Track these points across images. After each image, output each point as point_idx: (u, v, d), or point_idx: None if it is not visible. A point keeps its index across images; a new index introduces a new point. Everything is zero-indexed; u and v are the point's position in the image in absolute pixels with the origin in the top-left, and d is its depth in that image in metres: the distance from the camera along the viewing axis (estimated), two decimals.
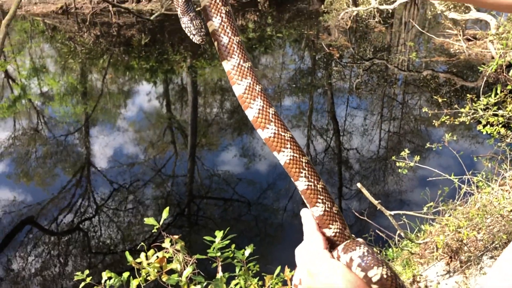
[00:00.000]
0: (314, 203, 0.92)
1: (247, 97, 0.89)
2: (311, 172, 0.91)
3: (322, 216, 0.92)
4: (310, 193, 0.91)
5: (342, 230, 0.93)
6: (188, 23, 0.92)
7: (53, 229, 6.58)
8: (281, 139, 0.90)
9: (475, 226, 3.62)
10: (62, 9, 19.86)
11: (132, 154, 8.78)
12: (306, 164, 0.90)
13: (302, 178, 0.90)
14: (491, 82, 10.01)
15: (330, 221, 0.92)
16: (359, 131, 9.61)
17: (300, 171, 0.90)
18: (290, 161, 0.90)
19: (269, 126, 0.89)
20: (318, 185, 0.91)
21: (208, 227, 6.47)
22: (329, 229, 0.92)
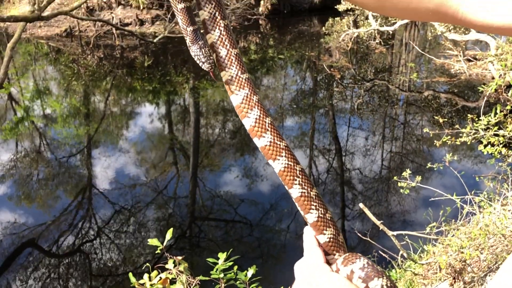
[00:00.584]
0: (308, 210, 0.93)
1: (245, 107, 0.92)
2: (304, 180, 0.93)
3: (316, 222, 0.93)
4: (304, 200, 0.93)
5: (336, 236, 0.94)
6: (197, 51, 0.95)
7: (54, 252, 6.55)
8: (277, 148, 0.91)
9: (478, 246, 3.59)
10: (66, 32, 20.11)
11: (134, 176, 8.77)
12: (300, 172, 0.93)
13: (296, 185, 0.92)
14: (492, 102, 10.05)
15: (324, 227, 0.93)
16: (361, 151, 9.61)
17: (294, 178, 0.92)
18: (284, 169, 0.92)
19: (265, 135, 0.91)
20: (312, 192, 0.93)
21: (210, 249, 6.43)
22: (324, 235, 0.94)
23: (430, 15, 0.72)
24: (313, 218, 0.93)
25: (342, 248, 0.95)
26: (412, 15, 0.75)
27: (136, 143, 10.38)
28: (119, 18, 20.43)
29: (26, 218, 7.39)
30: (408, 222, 6.93)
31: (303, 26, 22.42)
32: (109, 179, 8.55)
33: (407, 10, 0.74)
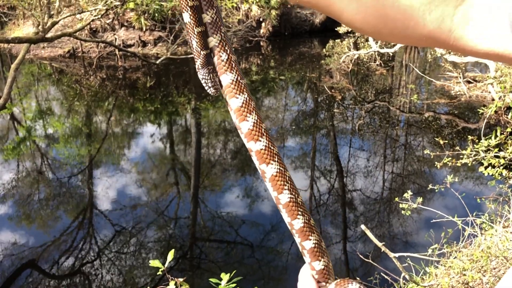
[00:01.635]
0: (295, 216, 0.96)
1: (244, 110, 0.94)
2: (292, 186, 0.95)
3: (302, 228, 0.95)
4: (292, 206, 0.95)
5: (319, 242, 0.96)
6: (206, 76, 0.98)
7: (54, 273, 6.51)
8: (271, 153, 0.94)
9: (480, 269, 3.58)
10: (69, 53, 20.32)
11: (135, 196, 8.77)
12: (289, 178, 0.95)
13: (286, 191, 0.94)
14: (492, 124, 10.09)
15: (309, 233, 0.96)
16: (363, 172, 9.61)
17: (284, 184, 0.94)
18: (277, 174, 0.94)
19: (261, 139, 0.93)
20: (298, 199, 0.96)
21: (211, 270, 6.38)
22: (309, 241, 0.96)
23: (424, 40, 0.76)
24: (300, 224, 0.96)
25: (326, 254, 0.98)
26: (407, 41, 0.80)
27: (138, 164, 10.40)
28: (122, 39, 20.65)
29: (26, 238, 7.36)
30: (410, 243, 6.90)
31: (304, 47, 22.64)
32: (110, 200, 8.54)
33: (401, 36, 0.78)
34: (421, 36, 0.76)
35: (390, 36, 0.79)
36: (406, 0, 0.76)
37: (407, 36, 0.77)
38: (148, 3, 19.74)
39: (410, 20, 0.76)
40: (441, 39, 0.75)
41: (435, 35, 0.75)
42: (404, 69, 18.87)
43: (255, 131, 0.93)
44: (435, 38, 0.75)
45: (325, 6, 0.83)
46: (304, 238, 0.95)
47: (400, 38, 0.78)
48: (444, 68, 13.93)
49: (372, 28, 0.79)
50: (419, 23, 0.75)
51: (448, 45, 0.76)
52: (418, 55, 20.99)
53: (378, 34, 0.80)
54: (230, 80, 0.94)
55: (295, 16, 24.45)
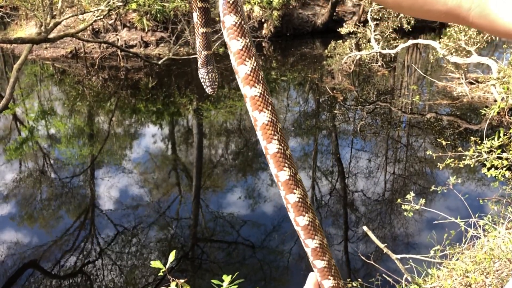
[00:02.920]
0: (281, 167, 0.95)
1: (244, 54, 0.93)
2: (282, 138, 0.95)
3: (288, 180, 0.95)
4: (280, 157, 0.94)
5: (304, 198, 0.95)
6: (204, 75, 1.01)
7: (56, 273, 6.51)
8: (265, 101, 0.93)
9: (483, 271, 3.56)
10: (72, 53, 20.35)
11: (136, 196, 8.77)
12: (280, 130, 0.95)
13: (275, 141, 0.94)
14: (494, 125, 10.07)
15: (294, 186, 0.95)
16: (364, 173, 9.60)
17: (274, 134, 0.93)
18: (268, 123, 0.93)
19: (257, 86, 0.92)
20: (287, 152, 0.96)
21: (212, 271, 6.38)
22: (294, 194, 0.95)
23: (443, 16, 0.78)
24: (285, 177, 0.95)
25: (310, 211, 0.97)
26: (426, 15, 0.81)
27: (139, 164, 10.40)
28: (124, 40, 20.68)
29: (28, 238, 7.37)
30: (412, 245, 6.88)
31: (306, 48, 22.64)
32: (112, 200, 8.55)
33: (421, 11, 0.80)
34: (440, 13, 0.77)
35: (410, 10, 0.80)
36: None
37: (427, 11, 0.78)
38: (151, 3, 19.75)
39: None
40: (461, 16, 0.76)
41: (454, 12, 0.76)
42: (406, 70, 18.85)
43: (252, 76, 0.91)
44: (454, 15, 0.77)
45: None
46: (289, 191, 0.94)
47: (420, 12, 0.79)
48: (446, 69, 13.91)
49: (393, 1, 0.81)
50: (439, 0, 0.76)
51: (467, 22, 0.77)
52: (420, 56, 20.98)
53: (398, 7, 0.81)
54: (233, 22, 0.93)
55: (297, 17, 24.45)
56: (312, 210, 0.96)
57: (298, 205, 0.94)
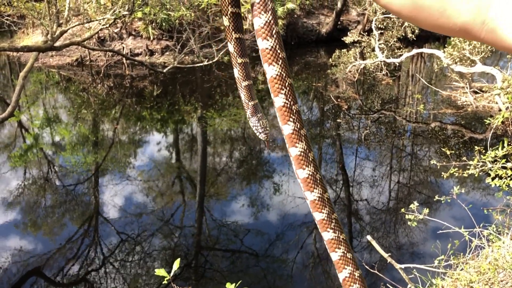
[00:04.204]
0: (286, 121, 0.97)
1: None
2: (291, 93, 0.96)
3: (291, 134, 0.98)
4: (285, 111, 0.97)
5: (306, 151, 0.99)
6: (256, 123, 1.07)
7: (59, 280, 6.51)
8: (277, 56, 0.95)
9: (487, 281, 3.54)
10: (77, 61, 20.48)
11: (140, 204, 8.78)
12: (288, 85, 0.97)
13: (282, 95, 0.96)
14: (499, 134, 10.04)
15: (297, 140, 0.98)
16: (369, 182, 9.58)
17: (282, 88, 0.96)
18: (277, 76, 0.96)
19: (270, 39, 0.94)
20: (293, 107, 0.98)
21: (216, 280, 6.37)
22: (295, 148, 0.98)
23: (456, 30, 0.79)
24: (289, 130, 0.98)
25: (313, 163, 1.00)
26: (440, 29, 0.83)
27: (144, 172, 10.43)
28: (130, 48, 20.80)
29: (31, 245, 7.38)
30: (416, 254, 6.85)
31: (310, 57, 22.70)
32: (115, 208, 8.56)
33: (436, 24, 0.81)
34: (454, 26, 0.78)
35: (425, 22, 0.81)
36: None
37: (441, 25, 0.79)
38: (156, 12, 19.89)
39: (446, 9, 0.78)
40: (474, 30, 0.77)
41: (468, 26, 0.77)
42: (410, 79, 18.85)
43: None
44: (467, 29, 0.78)
45: None
46: (292, 145, 0.99)
47: (434, 26, 0.81)
48: (451, 78, 13.91)
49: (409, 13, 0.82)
50: (454, 12, 0.77)
51: (479, 38, 0.78)
52: (425, 65, 20.99)
53: (414, 20, 0.83)
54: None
55: (301, 26, 24.55)
56: (314, 165, 1.00)
57: (299, 158, 0.98)
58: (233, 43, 1.02)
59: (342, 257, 1.03)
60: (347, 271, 1.03)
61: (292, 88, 0.98)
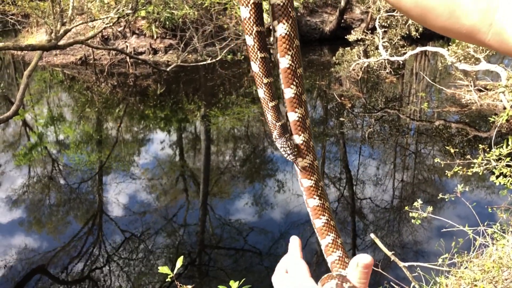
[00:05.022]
0: (289, 84, 1.00)
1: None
2: (297, 54, 0.98)
3: (292, 98, 1.01)
4: (289, 73, 0.99)
5: (304, 117, 1.01)
6: (283, 144, 1.04)
7: (63, 278, 6.54)
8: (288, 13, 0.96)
9: (491, 279, 3.53)
10: (81, 60, 20.51)
11: (144, 202, 8.80)
12: (296, 46, 0.97)
13: (288, 56, 0.98)
14: (503, 132, 10.00)
15: (297, 106, 1.01)
16: (372, 180, 9.56)
17: (289, 49, 0.98)
18: (285, 36, 0.97)
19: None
20: (298, 70, 0.99)
21: (219, 278, 6.38)
22: (295, 113, 1.01)
23: (463, 33, 0.79)
24: (290, 94, 1.00)
25: (308, 131, 1.02)
26: (447, 31, 0.82)
27: (147, 170, 10.45)
28: (133, 47, 20.82)
29: (36, 243, 7.41)
30: (420, 252, 6.83)
31: (314, 55, 22.66)
32: (119, 206, 8.58)
33: (443, 26, 0.81)
34: (462, 28, 0.78)
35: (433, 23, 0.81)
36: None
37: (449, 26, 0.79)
38: (159, 11, 19.90)
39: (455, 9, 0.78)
40: (480, 33, 0.77)
41: (475, 28, 0.77)
42: (414, 77, 18.80)
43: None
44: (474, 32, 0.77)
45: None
46: (291, 109, 1.01)
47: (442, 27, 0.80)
48: (455, 76, 13.86)
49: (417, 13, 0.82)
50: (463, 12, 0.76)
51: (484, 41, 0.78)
52: (429, 63, 20.93)
53: (423, 20, 0.82)
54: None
55: (305, 24, 24.50)
56: (309, 132, 1.03)
57: (296, 124, 1.01)
58: (259, 63, 1.01)
59: (326, 224, 1.03)
60: (330, 238, 1.03)
61: (298, 48, 0.99)
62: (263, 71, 1.02)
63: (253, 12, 0.98)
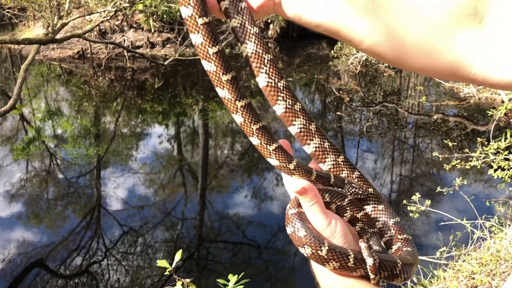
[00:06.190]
0: (275, 102, 0.95)
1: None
2: (273, 69, 0.93)
3: (284, 113, 0.96)
4: (271, 90, 0.94)
5: (307, 126, 0.98)
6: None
7: (62, 272, 6.54)
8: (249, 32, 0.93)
9: (489, 272, 3.54)
10: (79, 54, 20.44)
11: (142, 196, 8.79)
12: (268, 61, 0.94)
13: (263, 74, 0.93)
14: (502, 126, 10.01)
15: (293, 118, 0.96)
16: (370, 174, 9.57)
17: (260, 67, 0.93)
18: (251, 55, 0.93)
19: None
20: (279, 83, 0.96)
21: (218, 271, 6.39)
22: (293, 126, 0.97)
23: (447, 72, 0.75)
24: (281, 110, 0.96)
25: (318, 134, 0.95)
26: (431, 72, 0.79)
27: (145, 164, 10.43)
28: (131, 40, 20.75)
29: (34, 238, 7.41)
30: (418, 246, 6.84)
31: (312, 49, 22.60)
32: (117, 200, 8.58)
33: (424, 67, 0.77)
34: (443, 68, 0.74)
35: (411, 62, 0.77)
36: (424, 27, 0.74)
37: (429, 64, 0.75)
38: (157, 4, 19.81)
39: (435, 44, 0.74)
40: (464, 67, 0.73)
41: (455, 67, 0.73)
42: None
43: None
44: (458, 67, 0.74)
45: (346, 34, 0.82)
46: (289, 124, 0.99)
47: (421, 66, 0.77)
48: None
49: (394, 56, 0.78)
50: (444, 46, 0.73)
51: (469, 76, 0.74)
52: None
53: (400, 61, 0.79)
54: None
55: None
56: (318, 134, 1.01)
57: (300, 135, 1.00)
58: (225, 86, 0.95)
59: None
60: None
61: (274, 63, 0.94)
62: (234, 95, 0.94)
63: (205, 34, 0.91)
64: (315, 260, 0.90)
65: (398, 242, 1.00)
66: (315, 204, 0.91)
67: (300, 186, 0.89)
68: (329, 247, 0.88)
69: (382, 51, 0.80)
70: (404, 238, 1.00)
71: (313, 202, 0.90)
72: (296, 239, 0.92)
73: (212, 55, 0.92)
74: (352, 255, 0.89)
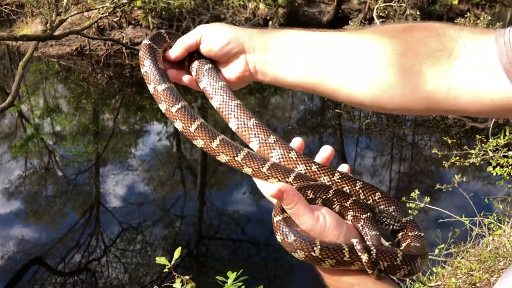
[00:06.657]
0: (249, 140, 1.04)
1: None
2: (242, 112, 1.02)
3: (259, 149, 1.03)
4: (242, 131, 1.03)
5: (286, 155, 1.00)
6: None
7: (61, 269, 6.54)
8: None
9: (487, 269, 3.55)
10: (77, 50, 20.37)
11: (141, 194, 8.79)
12: (235, 107, 0.98)
13: (233, 119, 1.05)
14: (501, 123, 10.01)
15: (268, 151, 1.01)
16: (369, 171, 9.58)
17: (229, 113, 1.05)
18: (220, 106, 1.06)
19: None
20: (249, 123, 0.98)
21: (217, 268, 6.39)
22: (271, 158, 1.01)
23: (424, 104, 0.76)
24: (256, 146, 1.02)
25: (300, 159, 1.00)
26: (411, 110, 0.80)
27: (144, 162, 10.43)
28: (129, 37, 20.68)
29: (33, 235, 7.40)
30: None
31: None
32: (116, 197, 8.57)
33: (403, 105, 0.78)
34: (421, 99, 0.75)
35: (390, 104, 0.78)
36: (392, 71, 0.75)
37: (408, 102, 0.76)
38: (156, 1, 19.77)
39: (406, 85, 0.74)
40: (442, 99, 0.73)
41: (434, 96, 0.74)
42: None
43: None
44: (435, 99, 0.74)
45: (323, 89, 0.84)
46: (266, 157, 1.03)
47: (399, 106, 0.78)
48: None
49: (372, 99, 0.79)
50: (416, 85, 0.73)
51: (449, 107, 0.74)
52: None
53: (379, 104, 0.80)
54: None
55: (302, 15, 24.39)
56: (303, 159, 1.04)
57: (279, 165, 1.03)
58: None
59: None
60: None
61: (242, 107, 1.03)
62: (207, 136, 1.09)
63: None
64: (310, 261, 0.90)
65: (408, 239, 1.01)
66: (297, 204, 0.90)
67: (275, 189, 0.89)
68: (321, 246, 0.87)
69: (359, 99, 0.82)
70: (415, 235, 1.01)
71: (293, 202, 0.89)
72: (287, 245, 0.92)
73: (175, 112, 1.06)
74: (346, 248, 0.88)
